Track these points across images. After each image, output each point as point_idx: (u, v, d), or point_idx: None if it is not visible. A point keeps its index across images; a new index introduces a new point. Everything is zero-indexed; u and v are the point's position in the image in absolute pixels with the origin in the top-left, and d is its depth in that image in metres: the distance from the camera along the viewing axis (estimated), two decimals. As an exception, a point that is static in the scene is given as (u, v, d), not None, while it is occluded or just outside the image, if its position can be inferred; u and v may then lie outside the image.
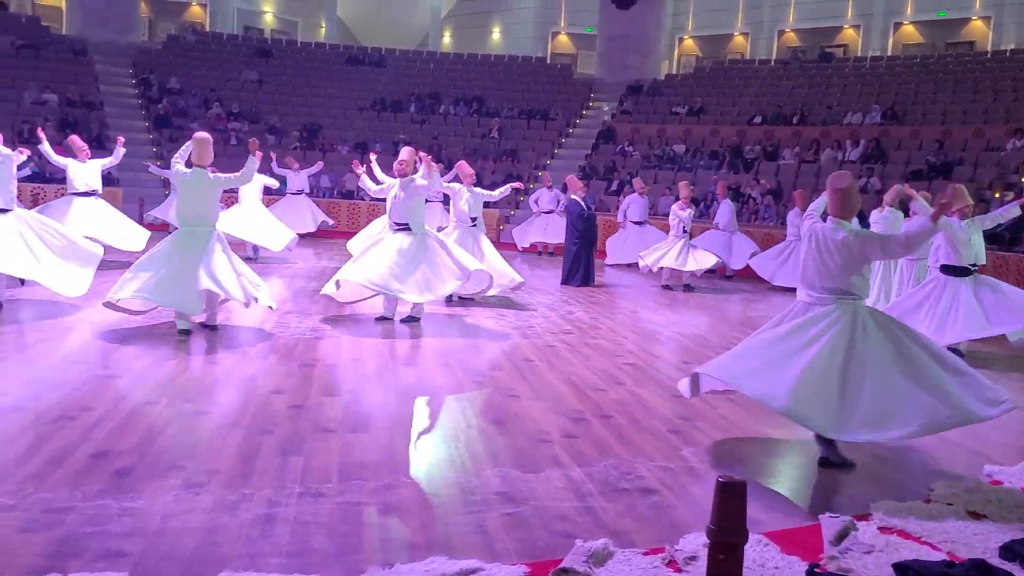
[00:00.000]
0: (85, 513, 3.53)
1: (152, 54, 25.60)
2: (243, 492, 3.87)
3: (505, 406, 5.65)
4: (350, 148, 22.27)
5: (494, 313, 9.35)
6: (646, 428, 5.28)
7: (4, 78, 21.26)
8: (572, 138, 23.75)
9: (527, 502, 3.96)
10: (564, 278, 12.40)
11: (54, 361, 6.27)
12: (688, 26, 30.70)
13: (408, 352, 7.35)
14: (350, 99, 24.65)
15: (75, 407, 5.00)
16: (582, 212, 12.42)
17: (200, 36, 27.75)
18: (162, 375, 5.99)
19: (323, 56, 27.39)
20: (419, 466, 4.43)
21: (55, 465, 4.05)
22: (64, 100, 21.11)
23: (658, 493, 4.17)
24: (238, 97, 23.62)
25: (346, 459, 4.43)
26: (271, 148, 20.93)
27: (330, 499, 3.88)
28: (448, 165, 19.20)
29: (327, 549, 3.39)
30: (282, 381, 5.98)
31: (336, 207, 19.95)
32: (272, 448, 4.52)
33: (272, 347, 7.05)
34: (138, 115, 22.42)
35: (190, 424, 4.87)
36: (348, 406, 5.53)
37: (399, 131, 22.82)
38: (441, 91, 25.13)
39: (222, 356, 6.68)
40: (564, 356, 7.37)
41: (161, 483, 3.91)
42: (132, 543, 3.30)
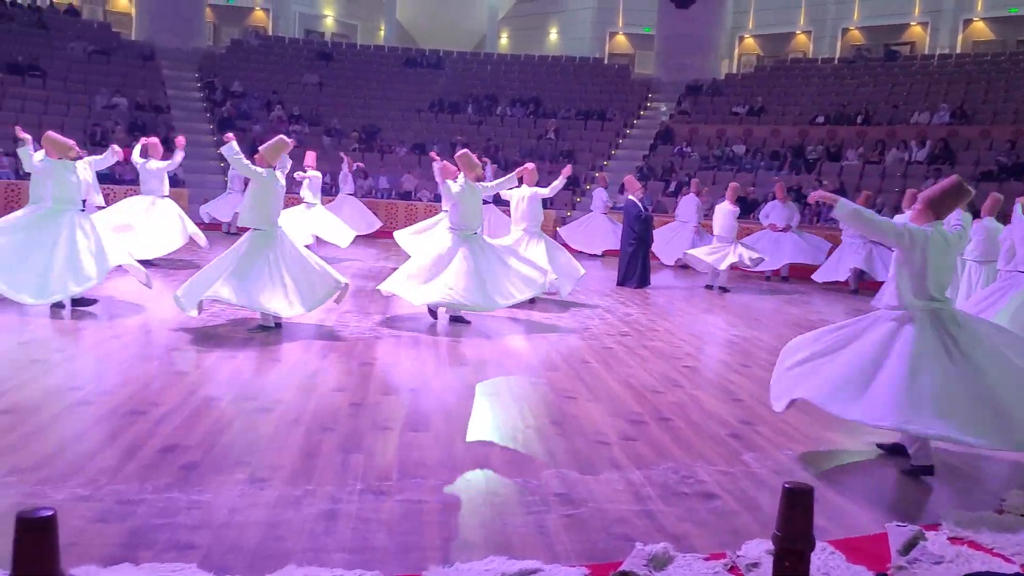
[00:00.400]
0: (155, 505, 3.63)
1: (217, 58, 26.20)
2: (306, 488, 3.93)
3: (562, 407, 5.64)
4: (408, 150, 22.49)
5: (551, 314, 9.34)
6: (705, 432, 5.22)
7: (77, 83, 21.97)
8: (629, 139, 23.62)
9: (586, 504, 3.95)
10: (620, 279, 12.33)
11: (125, 357, 6.45)
12: (749, 24, 30.27)
13: (465, 352, 7.38)
14: (408, 101, 24.89)
15: (145, 402, 5.14)
16: (639, 213, 12.33)
17: (263, 40, 28.32)
18: (227, 372, 6.12)
19: (382, 58, 27.70)
20: (477, 465, 4.44)
21: (127, 458, 4.17)
22: (133, 104, 21.72)
23: (719, 498, 4.12)
24: (299, 99, 24.02)
25: (406, 457, 4.47)
26: (331, 150, 21.28)
27: (390, 496, 3.92)
28: (504, 166, 19.30)
29: (388, 546, 3.43)
30: (342, 379, 6.06)
31: (394, 208, 20.17)
32: (333, 445, 4.58)
33: (332, 346, 7.16)
34: (203, 118, 22.96)
35: (254, 420, 4.97)
36: (407, 405, 5.58)
37: (456, 132, 22.96)
38: (498, 92, 25.21)
39: (284, 354, 6.80)
40: (621, 358, 7.33)
41: (227, 478, 3.99)
42: (200, 535, 3.38)
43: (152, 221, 10.96)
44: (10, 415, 4.75)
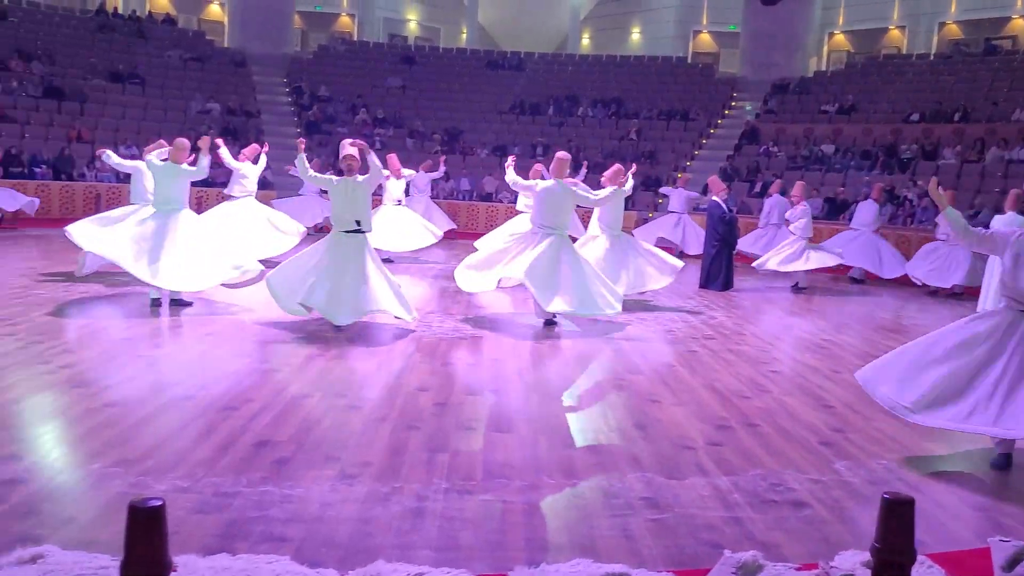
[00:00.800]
0: (250, 498, 3.74)
1: (304, 64, 26.88)
2: (393, 485, 4.00)
3: (646, 410, 5.59)
4: (489, 151, 22.64)
5: (633, 317, 9.26)
6: (795, 439, 5.10)
7: (173, 89, 22.84)
8: (713, 139, 23.26)
9: (672, 509, 3.91)
10: (703, 281, 12.14)
11: (220, 354, 6.68)
12: (839, 20, 29.44)
13: (548, 353, 7.39)
14: (489, 103, 25.06)
15: (239, 398, 5.31)
16: (723, 214, 12.12)
17: (348, 45, 28.92)
18: (316, 370, 6.27)
19: (463, 61, 27.96)
20: (561, 467, 4.44)
21: (222, 452, 4.31)
22: (225, 109, 22.47)
23: (809, 507, 4.02)
24: (383, 103, 24.44)
25: (490, 457, 4.50)
26: (413, 152, 21.59)
27: (475, 496, 3.95)
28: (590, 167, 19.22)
29: (474, 545, 3.46)
30: (426, 379, 6.14)
31: (475, 209, 20.33)
32: (419, 443, 4.65)
33: (416, 346, 7.25)
34: (291, 122, 23.58)
35: (342, 417, 5.08)
36: (490, 405, 5.62)
37: (537, 134, 23.01)
38: (579, 93, 25.16)
39: (370, 353, 6.93)
40: (706, 361, 7.22)
41: (318, 473, 4.09)
42: (293, 528, 3.47)
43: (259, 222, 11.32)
44: (115, 408, 4.97)
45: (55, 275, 9.90)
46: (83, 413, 4.85)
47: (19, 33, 22.31)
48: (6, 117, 18.93)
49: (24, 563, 2.89)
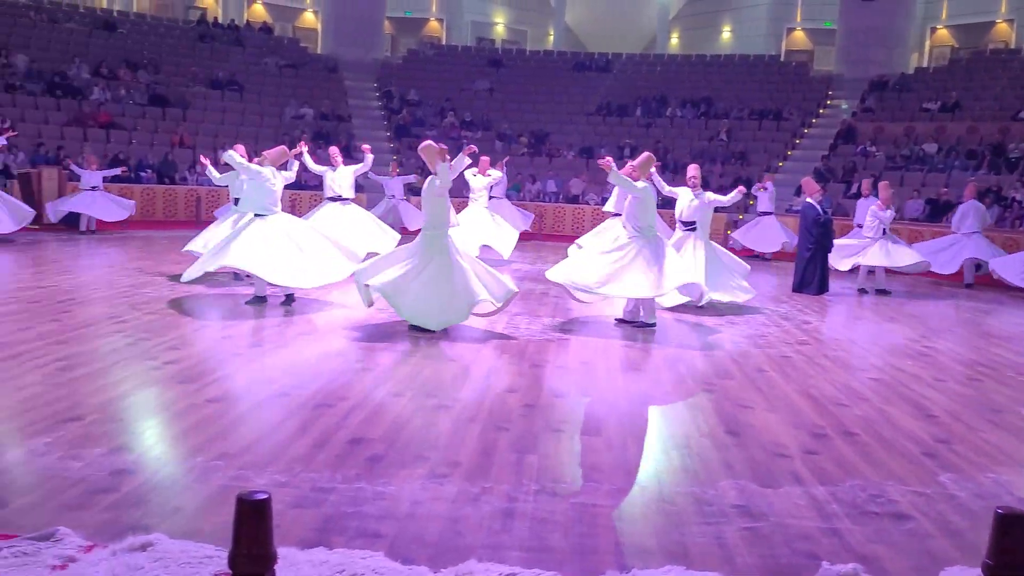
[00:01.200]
0: (345, 494, 3.82)
1: (394, 68, 27.37)
2: (483, 485, 4.02)
3: (738, 416, 5.48)
4: (575, 153, 22.59)
5: (723, 320, 9.10)
6: (896, 449, 4.92)
7: (269, 95, 23.58)
8: (807, 138, 22.67)
9: (766, 517, 3.82)
10: (797, 285, 11.83)
11: (314, 353, 6.86)
12: (942, 14, 28.32)
13: (637, 356, 7.32)
14: (576, 104, 25.01)
15: (332, 396, 5.44)
16: (818, 216, 11.78)
17: (437, 49, 29.31)
18: (406, 370, 6.38)
19: (551, 63, 27.99)
20: (652, 472, 4.39)
21: (318, 448, 4.42)
22: (319, 114, 23.07)
23: (912, 520, 3.87)
24: (470, 106, 24.67)
25: (579, 460, 4.49)
26: (501, 155, 21.70)
27: (565, 499, 3.94)
28: (674, 168, 19.00)
29: (564, 547, 3.45)
30: (515, 380, 6.16)
31: (561, 211, 20.32)
32: (508, 444, 4.67)
33: (504, 347, 7.29)
34: (381, 126, 24.04)
35: (432, 417, 5.14)
36: (579, 408, 5.60)
37: (624, 135, 22.85)
38: (668, 94, 24.87)
39: (458, 354, 7.00)
40: (800, 367, 7.03)
41: (409, 471, 4.15)
42: (386, 525, 3.53)
43: (353, 224, 11.59)
44: (217, 404, 5.15)
45: (160, 275, 10.33)
46: (187, 408, 5.04)
47: (127, 44, 23.39)
48: (115, 124, 19.87)
49: (135, 550, 3.02)
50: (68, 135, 18.80)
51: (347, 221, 11.53)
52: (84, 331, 7.01)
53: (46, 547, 3.01)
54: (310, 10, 32.56)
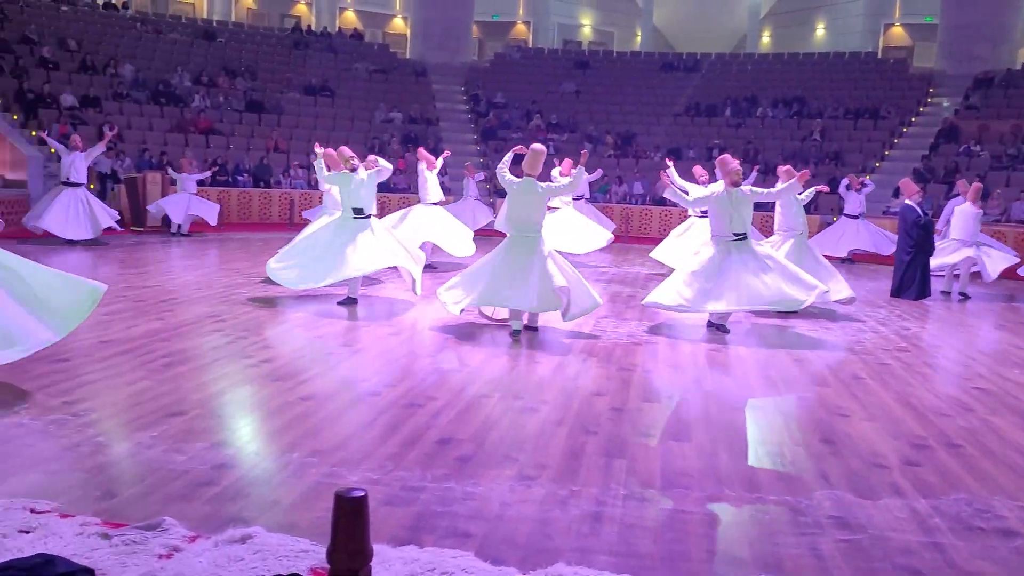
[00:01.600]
0: (434, 493, 3.87)
1: (481, 72, 27.60)
2: (571, 488, 4.01)
3: (834, 424, 5.32)
4: (663, 154, 22.33)
5: (817, 325, 8.86)
6: (1004, 462, 4.69)
7: (360, 99, 24.09)
8: (906, 138, 21.87)
9: (865, 530, 3.69)
10: (895, 290, 11.41)
11: (402, 353, 6.97)
12: (1052, 7, 26.90)
13: (727, 361, 7.19)
14: (664, 105, 24.75)
15: (422, 396, 5.51)
16: (917, 219, 11.34)
17: (523, 52, 29.43)
18: (494, 371, 6.41)
19: (638, 64, 27.78)
20: (743, 480, 4.30)
21: (408, 447, 4.49)
22: (407, 118, 23.45)
23: (1022, 537, 3.68)
24: (557, 108, 24.68)
25: (668, 466, 4.43)
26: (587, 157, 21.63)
27: (654, 504, 3.90)
28: (764, 169, 18.58)
29: (653, 553, 3.41)
30: (602, 384, 6.13)
31: (648, 213, 20.12)
32: (596, 448, 4.64)
33: (591, 350, 7.26)
34: (468, 128, 24.28)
35: (520, 419, 5.16)
36: (668, 413, 5.53)
37: (713, 136, 22.50)
38: (759, 93, 24.37)
39: (545, 357, 7.00)
40: (900, 375, 6.78)
41: (498, 472, 4.17)
42: (475, 525, 3.56)
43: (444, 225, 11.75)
44: (310, 402, 5.29)
45: (256, 275, 10.67)
46: (282, 405, 5.19)
47: (225, 52, 24.26)
48: (214, 130, 20.63)
49: (235, 542, 3.13)
50: (171, 141, 19.60)
51: (432, 223, 11.68)
52: (186, 329, 7.29)
53: (153, 536, 3.14)
54: (399, 16, 33.15)
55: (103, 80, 20.55)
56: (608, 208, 20.30)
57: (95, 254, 12.41)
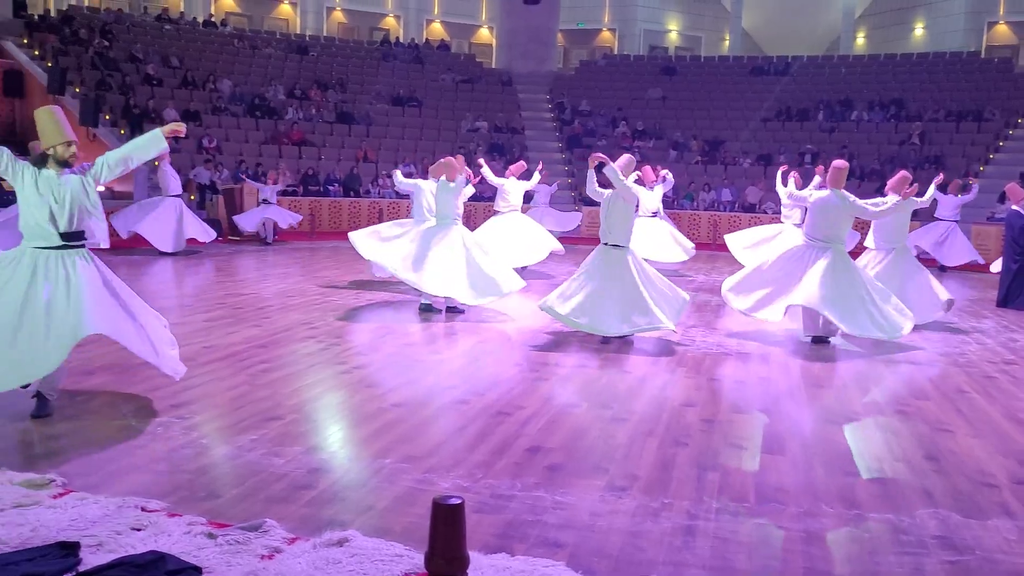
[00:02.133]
0: (524, 502, 3.89)
1: (566, 79, 27.62)
2: (663, 501, 3.97)
3: (937, 441, 5.12)
4: (752, 161, 21.93)
5: (919, 337, 8.52)
6: (1125, 483, 4.43)
7: (446, 109, 24.42)
8: (1012, 140, 20.89)
9: (972, 551, 3.54)
10: (1002, 299, 10.90)
11: (490, 362, 7.02)
12: None
13: (821, 373, 7.00)
14: (753, 110, 24.28)
15: (510, 404, 5.54)
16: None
17: (609, 59, 29.33)
18: (582, 380, 6.40)
19: (726, 69, 27.34)
20: (841, 496, 4.17)
21: (498, 455, 4.52)
22: (493, 126, 23.64)
23: None
24: (643, 115, 24.49)
25: (762, 480, 4.34)
26: (672, 164, 21.40)
27: (748, 519, 3.82)
28: (859, 175, 18.04)
29: (748, 570, 3.35)
30: (692, 394, 6.04)
31: (736, 220, 19.75)
32: (687, 460, 4.58)
33: (680, 360, 7.17)
34: (553, 137, 24.31)
35: (609, 429, 5.13)
36: (760, 425, 5.42)
37: (806, 141, 21.97)
38: (853, 96, 23.67)
39: (633, 365, 6.95)
40: (1007, 389, 6.48)
41: (588, 482, 4.16)
42: (566, 535, 3.56)
43: (524, 234, 11.82)
44: (402, 408, 5.38)
45: (347, 283, 10.92)
46: (373, 412, 5.29)
47: (317, 66, 24.94)
48: (306, 141, 21.22)
49: (332, 545, 3.20)
50: (265, 152, 20.25)
51: (516, 231, 11.74)
52: (282, 336, 7.52)
53: (255, 537, 3.24)
54: (485, 26, 33.50)
55: (203, 95, 21.39)
56: (695, 216, 20.07)
57: (194, 263, 12.92)
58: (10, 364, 4.49)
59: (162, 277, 11.53)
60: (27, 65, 20.13)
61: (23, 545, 3.14)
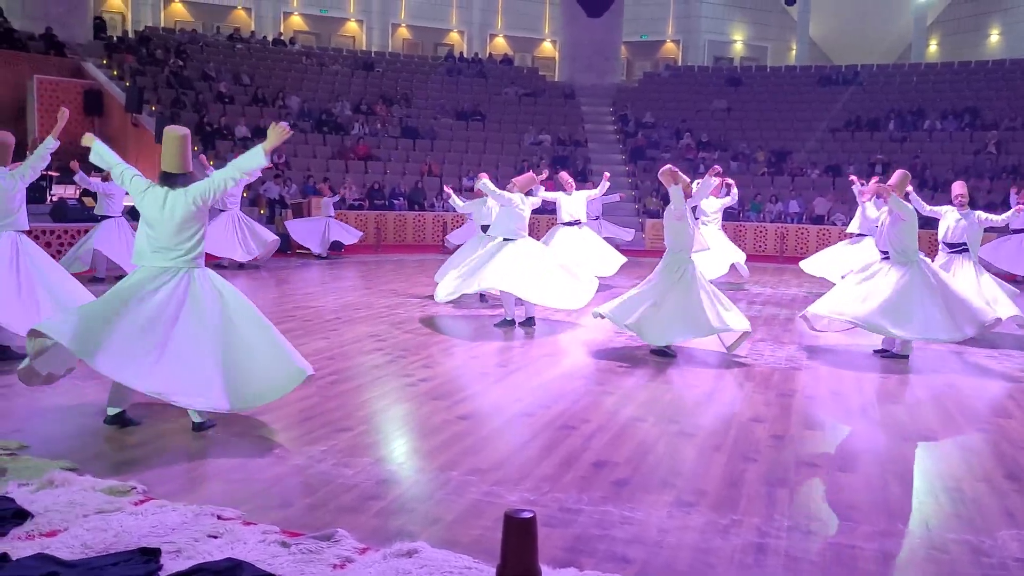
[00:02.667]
0: (592, 516, 3.87)
1: (629, 92, 27.54)
2: (732, 517, 3.92)
3: (1019, 459, 4.94)
4: (821, 172, 21.52)
5: (997, 352, 8.25)
6: None
7: (509, 123, 24.57)
8: (1094, 148, 20.10)
9: (1059, 576, 3.41)
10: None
11: (556, 374, 7.02)
12: None
13: (895, 389, 6.82)
14: (821, 121, 23.85)
15: (576, 418, 5.53)
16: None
17: (673, 71, 29.15)
18: (648, 394, 6.35)
19: (792, 79, 26.94)
20: (918, 515, 4.06)
21: (564, 469, 4.52)
22: (555, 139, 23.69)
23: None
24: (707, 126, 24.27)
25: (834, 498, 4.25)
26: (737, 175, 21.14)
27: (820, 537, 3.75)
28: (933, 186, 17.56)
29: (822, 590, 3.28)
30: (760, 410, 5.95)
31: (804, 233, 19.42)
32: (757, 476, 4.51)
33: (748, 375, 7.06)
34: (616, 149, 24.25)
35: (676, 443, 5.08)
36: (832, 441, 5.31)
37: (875, 151, 21.48)
38: (925, 105, 23.09)
39: (700, 379, 6.87)
40: (1094, 408, 6.21)
41: (656, 498, 4.13)
42: (634, 550, 3.54)
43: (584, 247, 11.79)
44: (468, 421, 5.42)
45: (412, 296, 11.05)
46: (440, 424, 5.34)
47: (383, 82, 25.36)
48: (372, 156, 21.57)
49: (402, 556, 3.24)
50: (332, 167, 20.65)
51: (579, 245, 11.69)
52: (350, 348, 7.64)
53: (327, 547, 3.30)
54: (548, 40, 33.64)
55: (272, 111, 21.92)
56: (761, 227, 19.78)
57: (264, 275, 13.23)
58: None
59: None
60: (106, 85, 20.93)
61: (107, 550, 3.25)
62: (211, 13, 29.97)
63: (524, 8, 33.23)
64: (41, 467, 4.10)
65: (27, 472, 4.03)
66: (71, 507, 3.62)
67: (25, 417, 5.16)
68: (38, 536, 3.34)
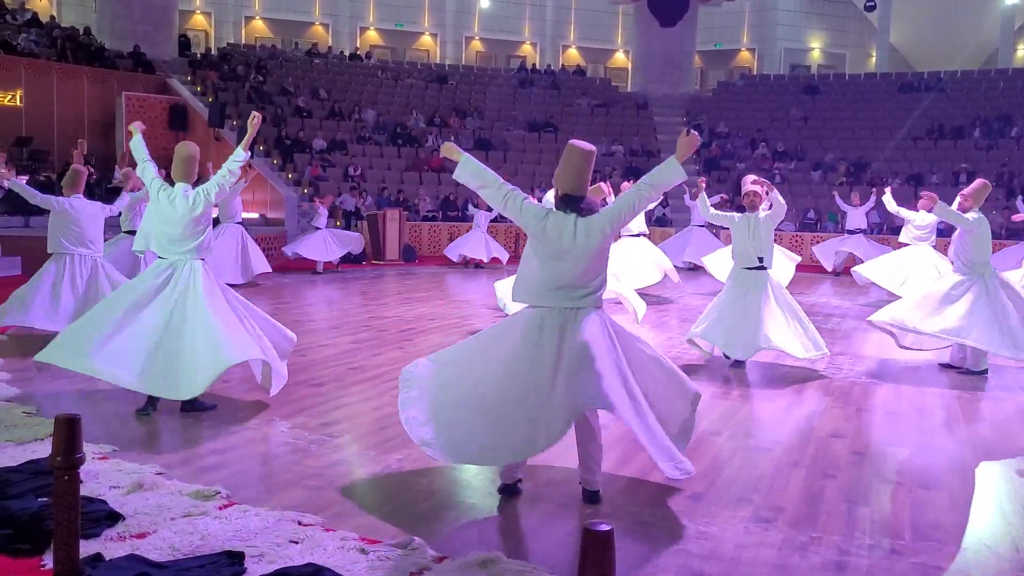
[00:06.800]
0: (666, 530, 3.85)
1: (703, 101, 27.27)
2: (811, 535, 3.84)
3: (1117, 483, 4.72)
4: (902, 181, 20.92)
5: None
6: None
7: (582, 134, 24.49)
8: None
9: None
10: None
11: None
12: None
13: (980, 406, 6.59)
14: (901, 129, 23.20)
15: (649, 430, 5.49)
16: None
17: (748, 80, 28.76)
18: (722, 408, 6.26)
19: (872, 86, 26.29)
20: (1006, 537, 3.92)
21: (638, 482, 4.50)
22: (628, 150, 23.60)
23: None
24: (783, 136, 23.86)
25: (919, 517, 4.13)
26: (816, 185, 20.73)
27: (904, 557, 3.65)
28: (1022, 194, 16.87)
29: (905, 612, 3.20)
30: (840, 425, 5.82)
31: (885, 242, 18.87)
32: (836, 493, 4.42)
33: (826, 389, 6.92)
34: (690, 159, 23.94)
35: (753, 458, 5.01)
36: (916, 459, 5.15)
37: (960, 160, 20.81)
38: (1014, 112, 22.25)
39: (776, 394, 6.75)
40: None
41: (732, 513, 4.08)
42: (711, 566, 3.50)
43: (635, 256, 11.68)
44: (541, 431, 5.43)
45: (484, 306, 11.14)
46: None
47: (456, 94, 25.67)
48: (445, 168, 21.82)
49: (478, 566, 3.28)
50: (407, 179, 20.98)
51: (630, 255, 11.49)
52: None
53: (405, 555, 3.36)
54: (621, 50, 33.57)
55: (348, 125, 22.42)
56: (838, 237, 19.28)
57: (340, 286, 13.50)
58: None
59: (312, 299, 12.10)
60: (190, 100, 21.68)
61: (193, 553, 3.37)
62: (290, 29, 30.82)
63: (596, 19, 33.21)
64: (131, 471, 4.27)
65: (118, 476, 4.20)
66: (159, 510, 3.76)
67: (114, 424, 5.37)
68: (129, 538, 3.49)
